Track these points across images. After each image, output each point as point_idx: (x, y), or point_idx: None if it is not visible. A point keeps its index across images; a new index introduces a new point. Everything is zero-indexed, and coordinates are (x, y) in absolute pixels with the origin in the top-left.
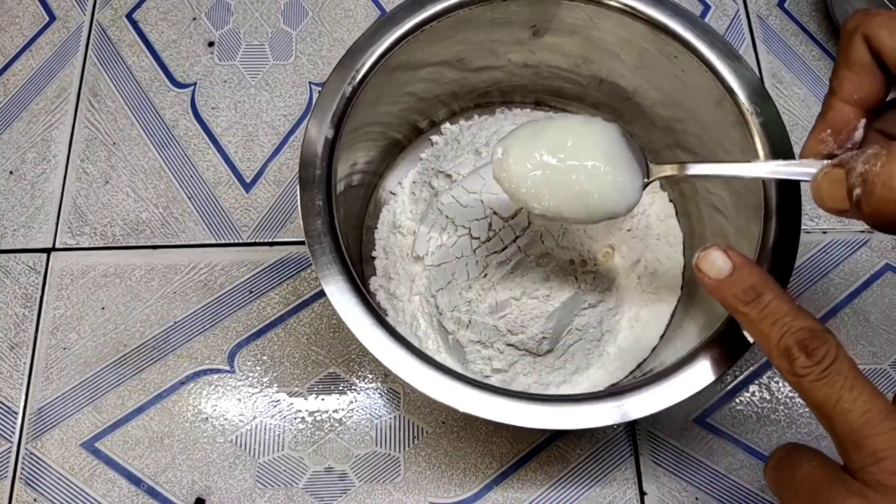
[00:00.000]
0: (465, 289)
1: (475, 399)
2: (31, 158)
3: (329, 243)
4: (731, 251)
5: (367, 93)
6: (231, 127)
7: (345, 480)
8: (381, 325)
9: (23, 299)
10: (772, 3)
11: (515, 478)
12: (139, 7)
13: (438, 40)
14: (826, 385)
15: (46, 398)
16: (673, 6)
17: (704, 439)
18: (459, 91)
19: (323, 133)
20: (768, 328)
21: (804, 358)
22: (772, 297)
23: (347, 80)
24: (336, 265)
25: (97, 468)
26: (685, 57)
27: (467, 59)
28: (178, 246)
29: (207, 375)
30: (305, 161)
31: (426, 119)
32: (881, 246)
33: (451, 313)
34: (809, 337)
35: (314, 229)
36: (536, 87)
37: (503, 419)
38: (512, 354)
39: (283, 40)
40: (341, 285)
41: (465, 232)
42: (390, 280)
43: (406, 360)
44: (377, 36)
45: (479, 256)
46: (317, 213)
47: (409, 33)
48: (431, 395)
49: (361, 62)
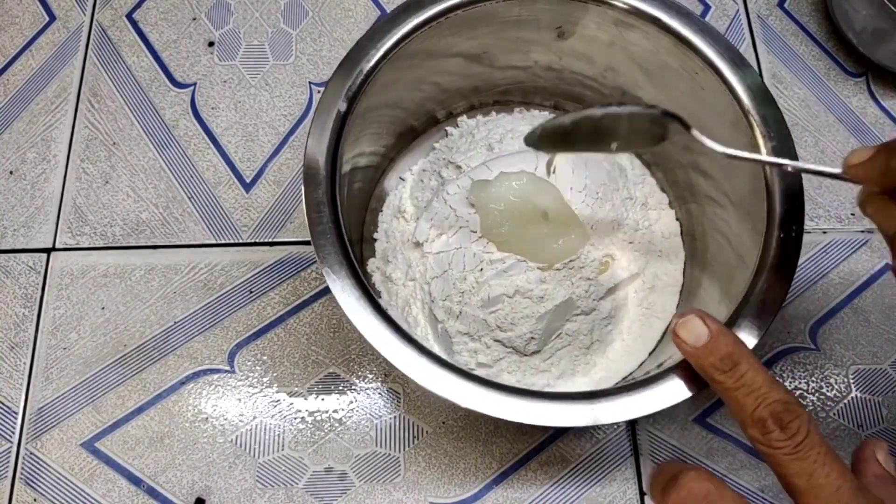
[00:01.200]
0: (460, 280)
1: (486, 399)
2: (31, 158)
3: (328, 214)
4: (709, 319)
5: (386, 74)
6: (231, 127)
7: (345, 480)
8: (388, 323)
9: (23, 299)
10: (772, 3)
11: (515, 478)
12: (139, 7)
13: (463, 30)
14: (799, 459)
15: (46, 398)
16: (701, 23)
17: (704, 439)
18: (481, 86)
19: (336, 107)
20: (743, 398)
21: (779, 431)
22: (747, 368)
23: (366, 58)
24: (335, 246)
25: (97, 468)
26: (706, 74)
27: (493, 54)
28: (178, 246)
29: (207, 375)
30: (315, 133)
31: (444, 110)
32: (881, 246)
33: (443, 302)
34: (783, 410)
35: (315, 199)
36: (558, 91)
37: (507, 416)
38: (498, 350)
39: (283, 40)
40: (337, 267)
41: (466, 224)
42: (387, 263)
43: (411, 356)
44: (401, 18)
45: (477, 249)
46: (318, 183)
47: (433, 18)
48: (438, 392)
49: (383, 41)
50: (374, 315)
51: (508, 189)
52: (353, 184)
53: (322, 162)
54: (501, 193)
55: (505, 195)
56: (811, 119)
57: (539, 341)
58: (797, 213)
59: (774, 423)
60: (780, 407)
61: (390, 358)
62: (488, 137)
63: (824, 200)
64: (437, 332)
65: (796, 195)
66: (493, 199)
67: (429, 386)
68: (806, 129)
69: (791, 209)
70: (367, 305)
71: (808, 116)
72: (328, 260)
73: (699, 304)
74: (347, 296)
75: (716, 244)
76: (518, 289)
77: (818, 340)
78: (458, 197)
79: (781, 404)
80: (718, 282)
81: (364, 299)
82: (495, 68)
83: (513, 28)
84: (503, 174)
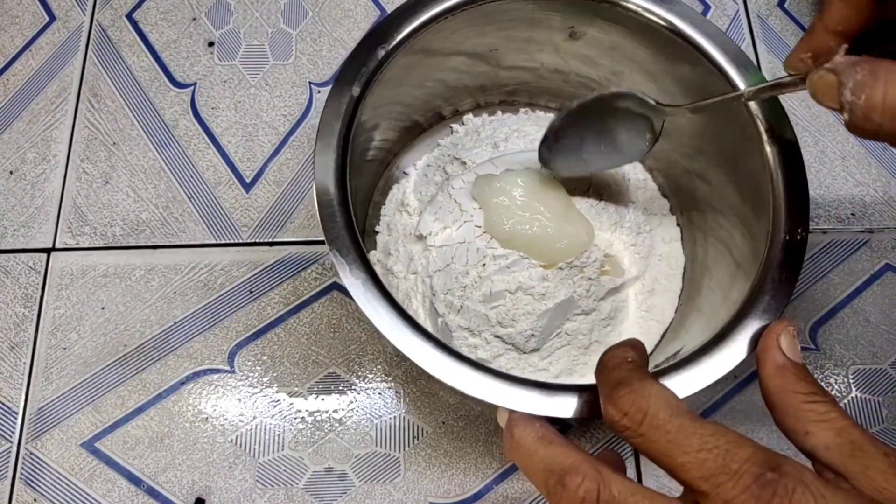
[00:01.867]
0: (463, 274)
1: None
2: (31, 158)
3: (337, 193)
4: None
5: (395, 69)
6: (231, 127)
7: (345, 480)
8: (408, 323)
9: (23, 299)
10: (772, 3)
11: (515, 478)
12: (139, 7)
13: (473, 27)
14: None
15: (46, 398)
16: (714, 29)
17: None
18: (488, 85)
19: (348, 92)
20: None
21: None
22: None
23: (382, 44)
24: (345, 231)
25: (97, 468)
26: (722, 85)
27: (501, 54)
28: (178, 246)
29: (207, 375)
30: (327, 117)
31: (451, 107)
32: (881, 246)
33: (445, 296)
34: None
35: (326, 180)
36: (563, 93)
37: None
38: (498, 346)
39: (283, 40)
40: (351, 257)
41: (471, 219)
42: (389, 256)
43: (433, 353)
44: (416, 8)
45: (481, 244)
46: (331, 166)
47: (447, 12)
48: (446, 380)
49: (399, 30)
50: (384, 301)
51: (513, 186)
52: (358, 176)
53: (334, 143)
54: (506, 190)
55: (509, 191)
56: (811, 119)
57: (539, 339)
58: (803, 216)
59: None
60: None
61: (404, 350)
62: (494, 136)
63: (824, 200)
64: (438, 325)
65: (801, 197)
66: (497, 195)
67: (444, 377)
68: (806, 129)
69: (797, 212)
70: (373, 288)
71: (808, 116)
72: (337, 242)
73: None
74: (355, 277)
75: (716, 250)
76: (520, 285)
77: (818, 340)
78: (462, 191)
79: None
80: (718, 288)
81: (370, 282)
82: (502, 68)
83: (525, 27)
84: (508, 171)
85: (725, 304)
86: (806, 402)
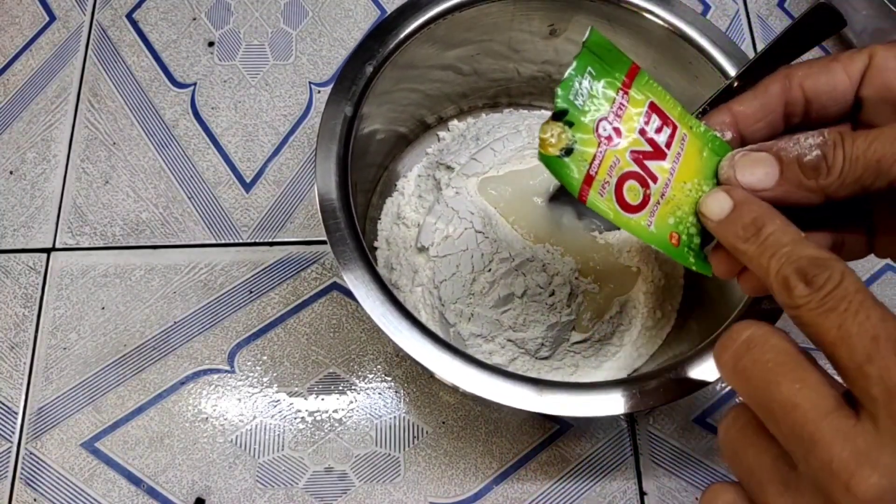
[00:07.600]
0: (470, 281)
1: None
2: (31, 158)
3: (341, 207)
4: (736, 190)
5: (380, 84)
6: (231, 127)
7: (345, 480)
8: (416, 326)
9: (23, 299)
10: (772, 3)
11: (515, 478)
12: (139, 7)
13: (454, 36)
14: (827, 312)
15: (46, 398)
16: (691, 12)
17: (704, 439)
18: (468, 92)
19: (342, 111)
20: (767, 261)
21: (803, 286)
22: (773, 229)
23: (369, 61)
24: (350, 241)
25: (97, 468)
26: (699, 62)
27: (481, 62)
28: (178, 246)
29: (207, 375)
30: (324, 134)
31: (434, 115)
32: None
33: (454, 305)
34: (809, 264)
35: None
36: (546, 92)
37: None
38: (512, 351)
39: (283, 40)
40: (356, 260)
41: (470, 225)
42: (392, 270)
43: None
44: (401, 19)
45: (484, 250)
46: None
47: (434, 19)
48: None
49: (385, 44)
50: (385, 298)
51: (526, 188)
52: None
53: (335, 148)
54: (521, 190)
55: (526, 194)
56: None
57: (549, 349)
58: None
59: (799, 278)
60: (807, 262)
61: (412, 351)
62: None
63: None
64: (450, 335)
65: None
66: (513, 199)
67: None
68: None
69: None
70: (379, 291)
71: None
72: (340, 243)
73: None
74: (361, 280)
75: None
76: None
77: None
78: (458, 199)
79: (808, 259)
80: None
81: (373, 281)
82: (482, 76)
83: (505, 30)
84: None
85: (730, 302)
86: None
